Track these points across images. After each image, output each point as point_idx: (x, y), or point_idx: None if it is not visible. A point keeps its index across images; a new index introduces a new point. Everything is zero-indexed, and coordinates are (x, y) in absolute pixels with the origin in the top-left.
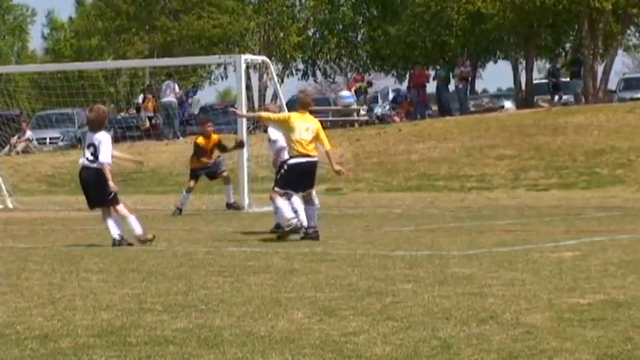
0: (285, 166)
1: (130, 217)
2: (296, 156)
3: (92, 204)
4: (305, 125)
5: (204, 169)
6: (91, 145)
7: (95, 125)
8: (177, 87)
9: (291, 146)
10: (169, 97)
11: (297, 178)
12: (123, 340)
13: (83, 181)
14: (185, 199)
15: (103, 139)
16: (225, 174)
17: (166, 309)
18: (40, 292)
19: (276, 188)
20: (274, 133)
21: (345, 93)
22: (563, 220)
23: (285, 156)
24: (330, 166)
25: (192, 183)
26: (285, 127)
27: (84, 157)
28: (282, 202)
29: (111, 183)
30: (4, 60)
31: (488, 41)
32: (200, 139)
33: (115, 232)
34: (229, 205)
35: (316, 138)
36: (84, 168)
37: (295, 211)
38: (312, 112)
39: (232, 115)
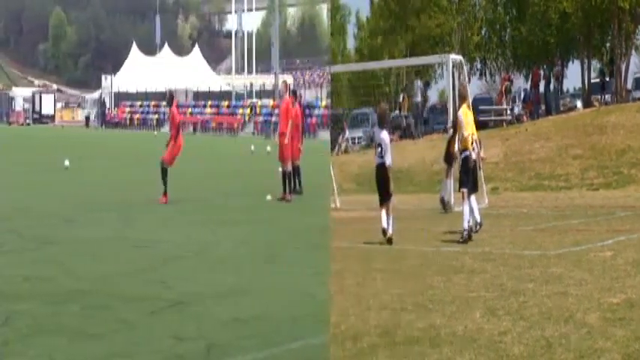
0: (460, 161)
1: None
2: (465, 150)
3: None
4: (471, 121)
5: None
6: (379, 145)
7: (380, 122)
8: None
9: (462, 141)
10: (419, 97)
11: (469, 171)
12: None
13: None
14: (448, 187)
15: (385, 139)
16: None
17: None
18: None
19: (462, 189)
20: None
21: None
22: None
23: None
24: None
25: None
26: (462, 123)
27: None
28: (465, 209)
29: (391, 183)
30: (335, 59)
31: (568, 41)
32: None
33: (385, 226)
34: (442, 201)
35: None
36: (377, 165)
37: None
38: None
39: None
